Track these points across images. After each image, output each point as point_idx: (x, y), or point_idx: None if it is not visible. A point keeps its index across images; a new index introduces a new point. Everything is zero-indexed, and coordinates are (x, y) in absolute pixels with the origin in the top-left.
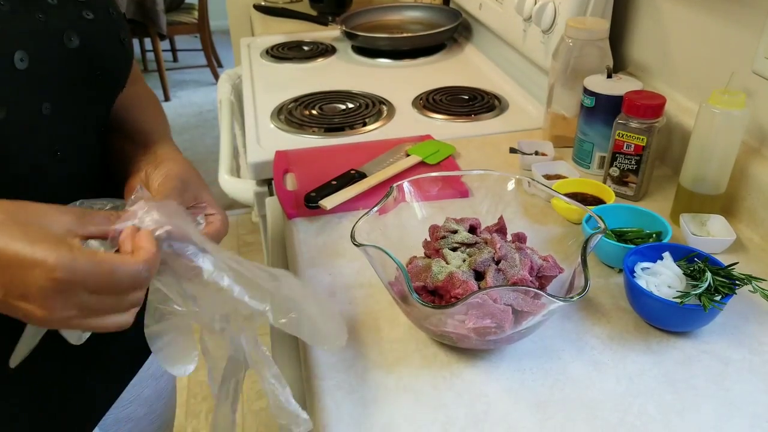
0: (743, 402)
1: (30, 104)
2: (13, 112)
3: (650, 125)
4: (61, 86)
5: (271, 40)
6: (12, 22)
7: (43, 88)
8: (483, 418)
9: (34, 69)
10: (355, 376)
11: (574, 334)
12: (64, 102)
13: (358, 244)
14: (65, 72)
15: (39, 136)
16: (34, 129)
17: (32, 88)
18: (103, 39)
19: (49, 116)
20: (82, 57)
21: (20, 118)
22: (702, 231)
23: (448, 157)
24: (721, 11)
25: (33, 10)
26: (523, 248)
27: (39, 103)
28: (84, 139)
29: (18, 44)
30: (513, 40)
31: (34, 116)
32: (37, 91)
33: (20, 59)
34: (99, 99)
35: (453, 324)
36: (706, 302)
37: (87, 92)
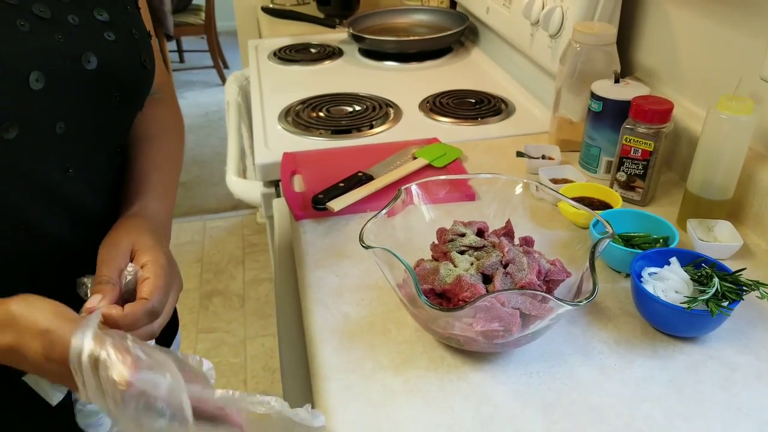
0: (750, 408)
1: (44, 123)
2: (26, 130)
3: (658, 130)
4: (77, 106)
5: (279, 42)
6: (29, 42)
7: (58, 107)
8: (489, 421)
9: (49, 89)
10: (362, 378)
11: (581, 339)
12: (79, 121)
13: (366, 246)
14: (81, 92)
15: (51, 155)
16: (46, 147)
17: (47, 108)
18: (122, 60)
19: (63, 135)
20: (100, 78)
21: (33, 136)
22: (709, 236)
23: (454, 161)
24: (729, 17)
25: (53, 31)
26: (530, 252)
27: (53, 122)
28: (96, 158)
29: (34, 64)
30: (520, 44)
31: (47, 135)
32: (52, 110)
33: (35, 79)
34: (115, 119)
35: (460, 327)
36: (714, 308)
37: (103, 112)
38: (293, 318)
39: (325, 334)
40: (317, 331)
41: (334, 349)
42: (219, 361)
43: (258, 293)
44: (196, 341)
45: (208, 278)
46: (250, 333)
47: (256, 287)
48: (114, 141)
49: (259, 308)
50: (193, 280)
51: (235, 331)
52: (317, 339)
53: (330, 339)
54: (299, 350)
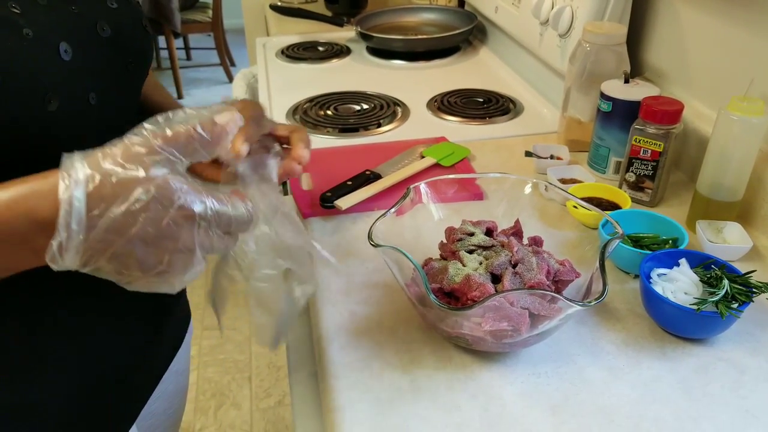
0: (759, 410)
1: (79, 95)
2: (65, 103)
3: (667, 131)
4: (102, 75)
5: (287, 40)
6: (51, 14)
7: (88, 78)
8: (497, 420)
9: (77, 60)
10: (370, 376)
11: (590, 339)
12: (107, 91)
13: (375, 245)
14: (103, 61)
15: (89, 127)
16: (84, 119)
17: (79, 79)
18: (129, 27)
19: (96, 106)
20: (115, 46)
21: (72, 109)
22: (718, 238)
23: (462, 160)
24: (740, 17)
25: (67, 3)
26: (539, 252)
27: (86, 93)
28: (126, 126)
29: (61, 36)
30: (529, 43)
31: (83, 107)
32: (84, 81)
33: (65, 50)
34: (132, 86)
35: (469, 326)
36: (723, 309)
37: (122, 80)
38: (300, 316)
39: (332, 332)
40: (324, 329)
41: (341, 347)
42: (224, 358)
43: None
44: (201, 338)
45: None
46: None
47: None
48: (134, 108)
49: None
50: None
51: (240, 329)
52: (324, 337)
53: (337, 337)
54: (306, 348)
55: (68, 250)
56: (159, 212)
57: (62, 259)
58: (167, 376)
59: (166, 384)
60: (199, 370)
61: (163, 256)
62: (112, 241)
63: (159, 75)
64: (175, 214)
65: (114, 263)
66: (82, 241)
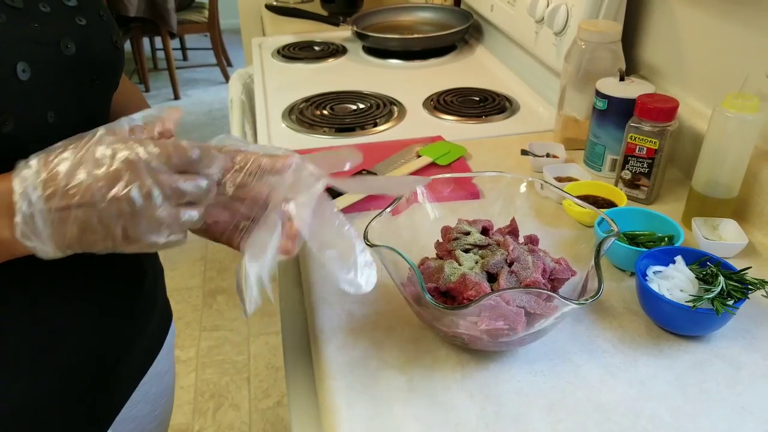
0: (755, 407)
1: (36, 114)
2: (21, 123)
3: (663, 128)
4: (63, 94)
5: (283, 40)
6: (10, 33)
7: (46, 97)
8: (494, 419)
9: (36, 79)
10: (366, 376)
11: (586, 337)
12: (67, 109)
13: (371, 245)
14: (65, 79)
15: (48, 144)
16: (42, 139)
17: (36, 98)
18: (97, 44)
19: (54, 124)
20: (79, 63)
21: (28, 129)
22: (714, 235)
23: (459, 159)
24: (735, 14)
25: (28, 20)
26: (535, 250)
27: (44, 112)
28: None
29: (19, 55)
30: (525, 41)
31: (41, 126)
32: (42, 100)
33: (22, 70)
34: (97, 102)
35: (465, 325)
36: (719, 306)
37: (86, 97)
38: (297, 316)
39: (329, 332)
40: (321, 329)
41: (338, 347)
42: (222, 359)
43: None
44: (200, 339)
45: (211, 276)
46: (253, 331)
47: None
48: (102, 120)
49: (263, 306)
50: (197, 278)
51: (238, 329)
52: (321, 337)
53: (334, 337)
54: (303, 349)
55: (35, 218)
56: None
57: (33, 232)
58: (148, 378)
59: (147, 386)
60: (198, 372)
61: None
62: (68, 205)
63: (155, 76)
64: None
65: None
66: (44, 209)
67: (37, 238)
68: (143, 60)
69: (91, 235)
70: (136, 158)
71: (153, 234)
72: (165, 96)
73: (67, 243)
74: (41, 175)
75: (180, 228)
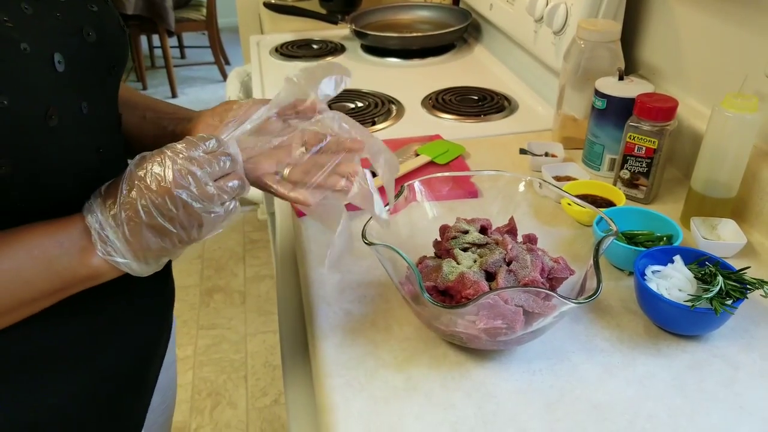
0: (754, 407)
1: (74, 106)
2: (63, 116)
3: (662, 128)
4: (91, 83)
5: (281, 38)
6: (41, 24)
7: (79, 86)
8: (492, 418)
9: (70, 69)
10: (364, 375)
11: (584, 337)
12: (96, 98)
13: (369, 243)
14: (91, 68)
15: (84, 137)
16: (80, 130)
17: (73, 89)
18: (109, 29)
19: (88, 115)
20: (99, 50)
21: (68, 121)
22: (713, 235)
23: (457, 158)
24: (734, 14)
25: (50, 10)
26: (534, 250)
27: (79, 103)
28: (113, 132)
29: (53, 46)
30: (524, 41)
31: (78, 118)
32: (76, 91)
33: (58, 61)
34: (115, 89)
35: (463, 324)
36: (718, 306)
37: (107, 84)
38: (295, 315)
39: (327, 331)
40: (319, 328)
41: (336, 346)
42: (220, 358)
43: (259, 290)
44: (197, 337)
45: (209, 275)
46: (251, 330)
47: (257, 284)
48: (116, 110)
49: (260, 305)
50: (194, 277)
51: (236, 328)
52: (319, 336)
53: (332, 336)
54: (301, 347)
55: (105, 230)
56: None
57: (110, 247)
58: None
59: (159, 378)
60: (195, 370)
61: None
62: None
63: (153, 74)
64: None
65: (154, 232)
66: (111, 222)
67: (116, 251)
68: (141, 58)
69: (161, 234)
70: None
71: (213, 207)
72: (162, 94)
73: (141, 247)
74: (103, 197)
75: (229, 195)
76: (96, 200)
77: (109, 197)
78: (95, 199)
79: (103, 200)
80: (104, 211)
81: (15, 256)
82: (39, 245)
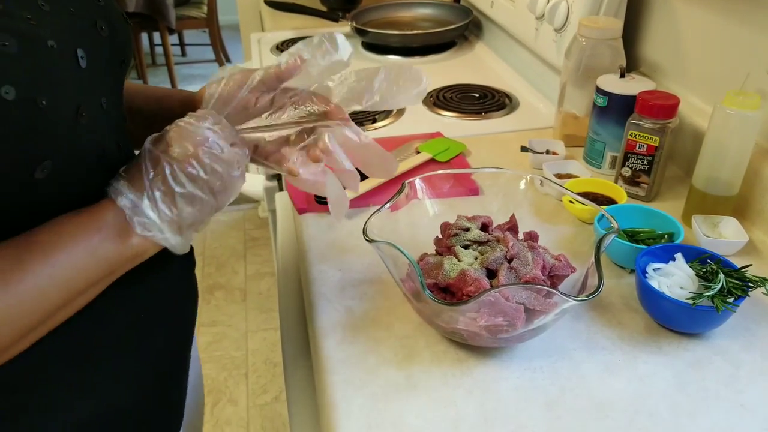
0: (755, 405)
1: (96, 102)
2: (90, 112)
3: (663, 126)
4: (107, 77)
5: (281, 35)
6: (60, 20)
7: (99, 82)
8: (493, 416)
9: (90, 64)
10: (365, 372)
11: (585, 334)
12: (112, 92)
13: (370, 240)
14: (107, 62)
15: (107, 131)
16: (103, 126)
17: (94, 85)
18: (116, 23)
19: (107, 110)
20: (113, 44)
21: (93, 117)
22: (714, 232)
23: (458, 155)
24: (736, 12)
25: (64, 5)
26: (535, 247)
27: (99, 98)
28: (125, 126)
29: (75, 42)
30: (525, 38)
31: (99, 113)
32: (97, 86)
33: (81, 57)
34: (123, 84)
35: (464, 321)
36: (719, 304)
37: (119, 78)
38: (296, 312)
39: (328, 328)
40: (320, 325)
41: (337, 343)
42: (221, 355)
43: (260, 287)
44: (198, 334)
45: (209, 272)
46: (251, 327)
47: (257, 281)
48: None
49: (261, 302)
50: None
51: (237, 325)
52: (320, 333)
53: (333, 333)
54: (302, 344)
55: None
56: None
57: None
58: None
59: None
60: None
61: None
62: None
63: (154, 71)
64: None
65: (187, 199)
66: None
67: (153, 227)
68: (141, 55)
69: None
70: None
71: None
72: None
73: (176, 219)
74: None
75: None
76: (120, 182)
77: (135, 178)
78: (119, 181)
79: (129, 181)
80: (134, 190)
81: (64, 247)
82: (81, 234)
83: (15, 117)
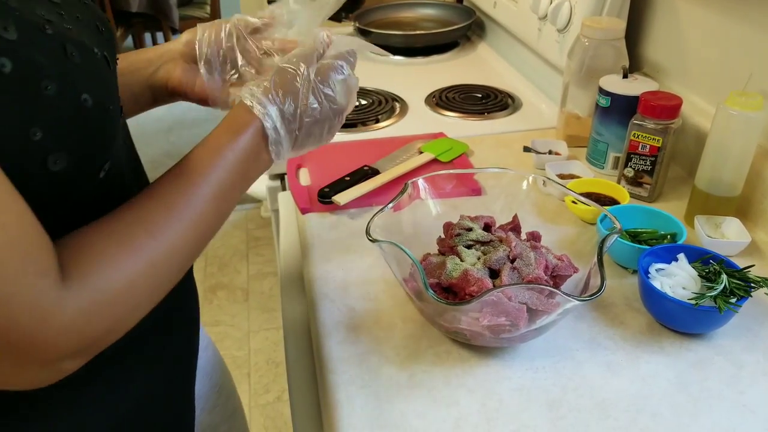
0: (757, 405)
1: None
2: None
3: (666, 126)
4: (113, 76)
5: None
6: (77, 25)
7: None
8: (495, 415)
9: (111, 64)
10: (367, 372)
11: (587, 334)
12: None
13: (373, 240)
14: (111, 60)
15: (124, 128)
16: (119, 120)
17: (114, 82)
18: (104, 21)
19: (120, 106)
20: (109, 41)
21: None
22: (717, 233)
23: (461, 155)
24: (738, 12)
25: (73, 11)
26: (537, 247)
27: (118, 95)
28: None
29: (92, 42)
30: (527, 38)
31: (119, 112)
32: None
33: (103, 56)
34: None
35: (467, 321)
36: (722, 304)
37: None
38: (298, 312)
39: (331, 327)
40: (323, 324)
41: (340, 342)
42: (223, 354)
43: (262, 287)
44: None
45: (212, 272)
46: (254, 326)
47: (260, 281)
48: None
49: (263, 302)
50: (197, 274)
51: (239, 325)
52: (323, 333)
53: (335, 333)
54: (304, 344)
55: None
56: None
57: (279, 146)
58: None
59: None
60: None
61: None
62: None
63: None
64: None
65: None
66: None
67: (284, 151)
68: None
69: (312, 133)
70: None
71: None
72: None
73: (300, 147)
74: (275, 102)
75: None
76: (270, 106)
77: (282, 106)
78: (269, 106)
79: (279, 109)
80: (282, 119)
81: (225, 166)
82: (235, 157)
83: (94, 122)
